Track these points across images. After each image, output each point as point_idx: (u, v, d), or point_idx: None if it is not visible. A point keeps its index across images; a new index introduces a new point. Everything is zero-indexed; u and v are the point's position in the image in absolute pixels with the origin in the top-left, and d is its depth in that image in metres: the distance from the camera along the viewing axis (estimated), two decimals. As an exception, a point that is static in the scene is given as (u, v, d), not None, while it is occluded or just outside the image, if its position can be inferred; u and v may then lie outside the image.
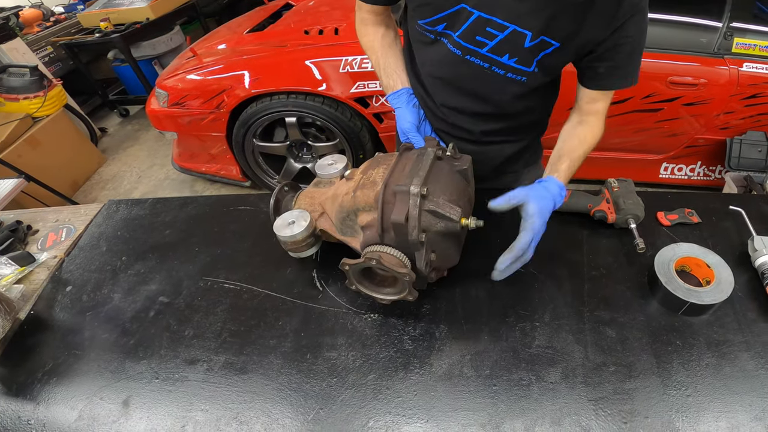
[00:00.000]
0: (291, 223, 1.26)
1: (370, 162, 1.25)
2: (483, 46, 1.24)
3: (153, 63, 5.59)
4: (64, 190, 4.11)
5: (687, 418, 1.00)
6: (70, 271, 1.51)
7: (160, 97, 3.53)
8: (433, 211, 1.08)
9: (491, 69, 1.29)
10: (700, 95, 3.08)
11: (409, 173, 1.12)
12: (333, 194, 1.26)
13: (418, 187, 1.05)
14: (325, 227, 1.28)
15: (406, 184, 1.06)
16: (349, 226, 1.21)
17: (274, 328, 1.25)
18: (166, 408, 1.11)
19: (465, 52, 1.28)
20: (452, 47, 1.29)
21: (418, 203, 1.05)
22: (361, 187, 1.14)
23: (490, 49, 1.24)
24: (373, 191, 1.12)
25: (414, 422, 1.03)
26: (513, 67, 1.26)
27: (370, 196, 1.12)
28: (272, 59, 3.37)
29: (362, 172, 1.21)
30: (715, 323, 1.18)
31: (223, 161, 3.84)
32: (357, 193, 1.14)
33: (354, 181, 1.20)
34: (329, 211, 1.27)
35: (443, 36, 1.29)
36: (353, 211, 1.16)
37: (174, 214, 1.70)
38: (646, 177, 3.70)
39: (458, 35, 1.25)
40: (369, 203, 1.12)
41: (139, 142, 5.28)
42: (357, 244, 1.20)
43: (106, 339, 1.28)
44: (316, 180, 1.40)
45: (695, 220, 1.45)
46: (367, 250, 1.11)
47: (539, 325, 1.20)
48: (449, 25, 1.25)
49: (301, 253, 1.30)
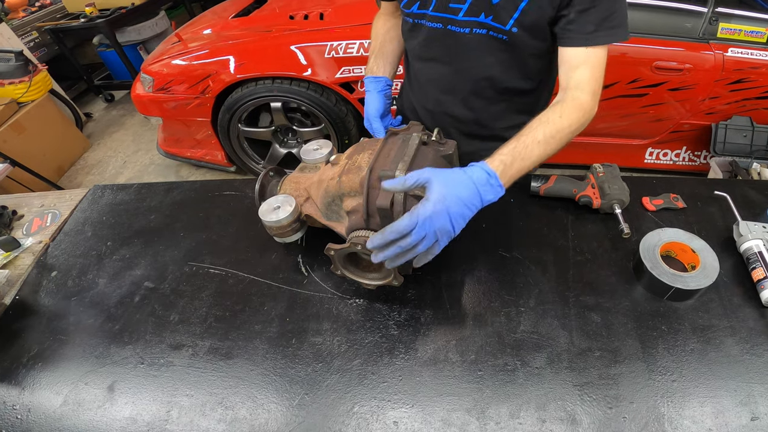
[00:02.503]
0: (276, 208, 1.26)
1: (355, 147, 1.25)
2: (458, 12, 1.24)
3: (138, 48, 5.54)
4: (49, 175, 4.08)
5: (672, 403, 1.01)
6: (55, 256, 1.50)
7: (145, 82, 3.51)
8: (418, 195, 1.04)
9: (473, 32, 1.27)
10: (685, 80, 3.09)
11: (393, 158, 1.11)
12: (318, 179, 1.25)
13: (403, 172, 1.04)
14: (311, 212, 1.28)
15: (392, 169, 1.06)
16: (335, 211, 1.21)
17: (259, 313, 1.25)
18: (151, 393, 1.10)
19: (444, 22, 1.29)
20: (431, 23, 1.31)
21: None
22: (346, 173, 1.14)
23: (465, 13, 1.24)
24: (359, 176, 1.11)
25: (399, 407, 1.03)
26: (491, 25, 1.23)
27: (356, 181, 1.11)
28: (257, 44, 3.35)
29: (347, 158, 1.20)
30: (700, 308, 1.18)
31: (208, 146, 3.83)
32: (342, 178, 1.13)
33: (339, 166, 1.19)
34: (314, 196, 1.26)
35: (420, 18, 1.32)
36: (338, 196, 1.16)
37: (159, 199, 1.69)
38: (632, 162, 3.72)
39: (432, 9, 1.27)
40: (354, 188, 1.12)
41: (124, 128, 5.23)
42: (342, 229, 1.20)
43: (91, 324, 1.27)
44: (301, 165, 1.40)
45: (680, 205, 1.45)
46: (351, 236, 1.11)
47: (524, 310, 1.20)
48: (422, 3, 1.28)
49: (286, 238, 1.30)
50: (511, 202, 1.52)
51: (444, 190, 0.95)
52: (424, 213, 0.93)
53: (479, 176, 1.00)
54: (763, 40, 3.02)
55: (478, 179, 1.00)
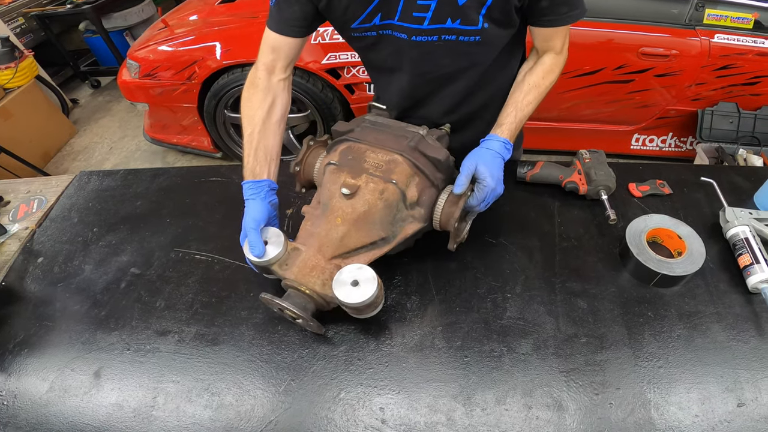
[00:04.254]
0: (355, 284, 1.05)
1: (332, 175, 1.17)
2: (422, 21, 1.18)
3: (124, 34, 5.48)
4: (35, 161, 4.05)
5: (658, 389, 1.01)
6: (41, 242, 1.49)
7: (131, 69, 3.48)
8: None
9: (441, 39, 1.22)
10: (671, 66, 3.10)
11: (390, 138, 1.18)
12: (354, 216, 1.11)
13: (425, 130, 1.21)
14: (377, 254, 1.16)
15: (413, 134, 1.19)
16: (400, 218, 1.15)
17: (245, 299, 1.24)
18: (137, 379, 1.10)
19: (410, 33, 1.22)
20: (398, 33, 1.23)
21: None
22: (383, 173, 1.12)
23: (430, 21, 1.18)
24: (399, 165, 1.13)
25: (386, 393, 1.04)
26: (460, 29, 1.20)
27: (405, 168, 1.13)
28: (243, 30, 3.34)
29: (348, 184, 1.11)
30: (686, 294, 1.19)
31: (194, 132, 3.82)
32: (395, 178, 1.11)
33: (365, 188, 1.11)
34: (361, 234, 1.12)
35: (385, 28, 1.23)
36: (402, 195, 1.12)
37: (145, 185, 1.68)
38: (618, 148, 3.73)
39: (398, 20, 1.20)
40: (407, 174, 1.13)
41: (110, 114, 5.19)
42: (417, 226, 1.17)
43: (78, 310, 1.27)
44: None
45: (667, 191, 1.46)
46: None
47: (511, 296, 1.20)
48: (384, 13, 1.20)
49: (369, 313, 1.15)
50: (498, 187, 1.51)
51: (488, 165, 1.17)
52: (489, 187, 1.15)
53: (497, 147, 1.22)
54: (749, 26, 3.04)
55: (499, 149, 1.22)
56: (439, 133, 1.27)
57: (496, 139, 1.23)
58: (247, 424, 1.01)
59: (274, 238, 1.10)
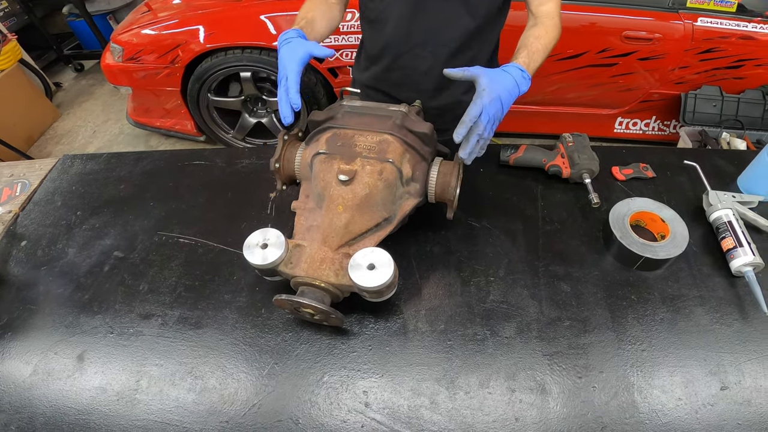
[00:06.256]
0: (371, 267, 1.04)
1: (323, 164, 1.14)
2: None
3: (108, 18, 5.42)
4: (18, 144, 4.04)
5: (642, 372, 1.02)
6: (24, 225, 1.48)
7: (114, 52, 3.47)
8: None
9: None
10: (654, 50, 3.12)
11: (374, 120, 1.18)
12: (356, 202, 1.10)
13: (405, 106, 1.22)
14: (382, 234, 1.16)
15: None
16: (400, 196, 1.16)
17: (229, 283, 1.24)
18: (120, 362, 1.10)
19: None
20: None
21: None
22: (377, 154, 1.11)
23: None
24: (390, 144, 1.13)
25: (369, 377, 1.04)
26: None
27: (398, 147, 1.13)
28: (227, 14, 3.33)
29: (345, 170, 1.10)
30: (669, 278, 1.19)
31: (177, 116, 3.81)
32: (389, 158, 1.11)
33: (363, 171, 1.10)
34: (364, 217, 1.11)
35: None
36: (399, 172, 1.12)
37: (129, 169, 1.66)
38: (601, 132, 3.76)
39: None
40: (400, 151, 1.13)
41: (93, 97, 5.16)
42: (413, 203, 1.18)
43: (61, 294, 1.26)
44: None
45: (650, 174, 1.46)
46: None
47: (494, 280, 1.20)
48: None
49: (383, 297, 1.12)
50: (480, 171, 1.52)
51: (492, 84, 1.11)
52: (487, 100, 1.08)
53: (516, 73, 1.17)
54: (733, 9, 3.05)
55: (515, 75, 1.16)
56: (416, 108, 1.28)
57: (514, 66, 1.19)
58: (230, 407, 1.01)
59: (273, 239, 1.08)
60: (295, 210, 1.19)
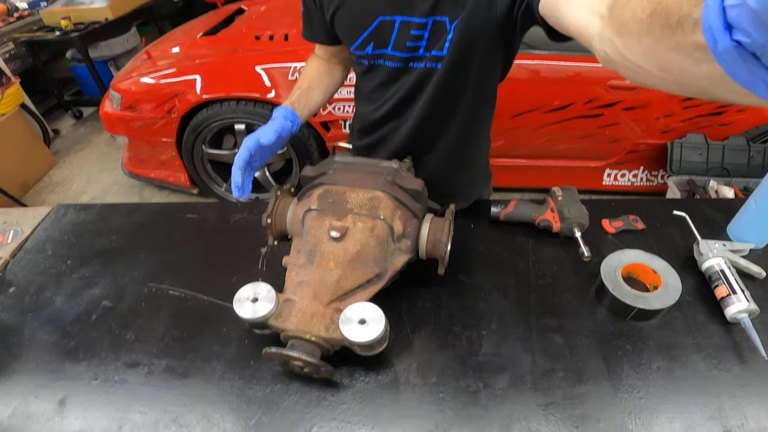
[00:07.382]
0: (362, 322, 1.03)
1: (315, 221, 1.14)
2: (418, 49, 1.20)
3: (108, 64, 5.54)
4: (13, 191, 4.03)
5: (640, 419, 1.00)
6: (14, 272, 1.47)
7: (114, 100, 3.49)
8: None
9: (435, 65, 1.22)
10: (639, 98, 3.15)
11: (366, 177, 1.18)
12: (347, 258, 1.10)
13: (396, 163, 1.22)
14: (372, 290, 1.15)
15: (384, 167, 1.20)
16: (391, 252, 1.16)
17: (218, 335, 1.22)
18: (103, 409, 1.08)
19: (405, 61, 1.23)
20: (391, 63, 1.25)
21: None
22: (369, 211, 1.11)
23: (426, 48, 1.19)
24: (382, 201, 1.12)
25: (359, 429, 1.02)
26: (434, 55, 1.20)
27: (389, 204, 1.12)
28: (223, 64, 3.38)
29: (337, 227, 1.10)
30: (664, 327, 1.19)
31: (172, 168, 3.80)
32: (381, 214, 1.10)
33: (354, 229, 1.11)
34: (356, 273, 1.11)
35: (378, 58, 1.26)
36: (390, 229, 1.12)
37: (121, 220, 1.67)
38: (590, 184, 3.78)
39: (392, 49, 1.22)
40: (391, 208, 1.12)
41: (90, 146, 5.21)
42: (405, 259, 1.17)
43: (47, 340, 1.24)
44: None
45: (640, 226, 1.47)
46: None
47: (486, 333, 1.19)
48: (377, 43, 1.22)
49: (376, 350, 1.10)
50: (471, 227, 1.53)
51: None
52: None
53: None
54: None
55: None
56: (407, 164, 1.29)
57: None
58: (215, 458, 0.98)
59: (264, 293, 1.07)
60: (286, 265, 1.18)
